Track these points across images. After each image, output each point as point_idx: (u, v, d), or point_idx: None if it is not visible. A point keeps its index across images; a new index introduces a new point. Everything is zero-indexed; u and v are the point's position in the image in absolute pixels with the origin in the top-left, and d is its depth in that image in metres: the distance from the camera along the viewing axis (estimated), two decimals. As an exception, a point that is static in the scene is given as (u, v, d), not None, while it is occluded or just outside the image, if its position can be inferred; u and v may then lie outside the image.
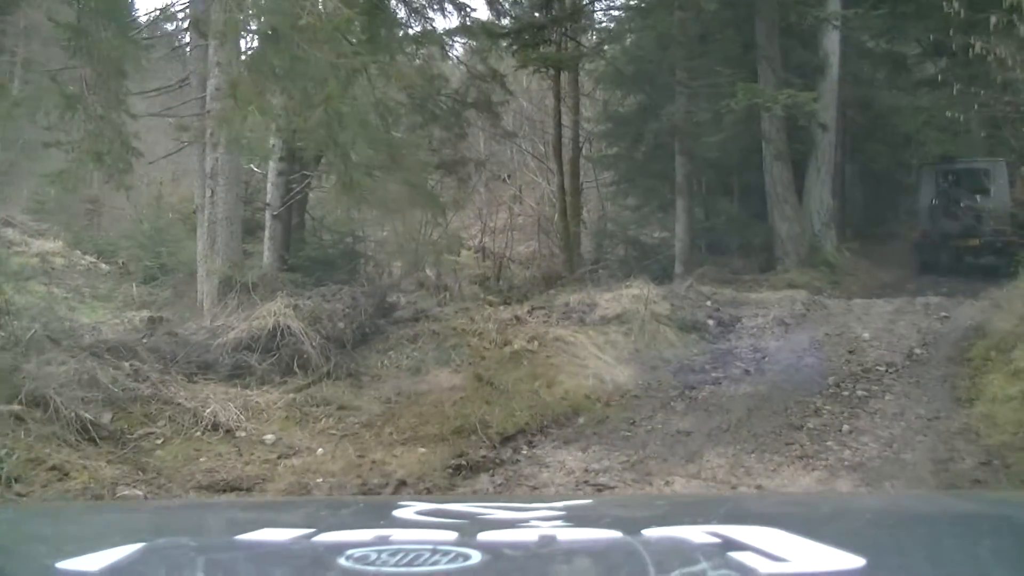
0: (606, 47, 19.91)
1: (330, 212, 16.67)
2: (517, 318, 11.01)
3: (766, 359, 10.03)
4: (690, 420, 7.86)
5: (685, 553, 1.09)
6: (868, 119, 18.95)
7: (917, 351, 9.87)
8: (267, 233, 13.82)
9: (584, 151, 21.32)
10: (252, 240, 14.57)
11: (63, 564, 1.11)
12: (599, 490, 6.20)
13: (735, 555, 1.06)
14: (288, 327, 8.79)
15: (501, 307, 12.56)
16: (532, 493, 6.11)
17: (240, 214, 11.81)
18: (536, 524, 1.35)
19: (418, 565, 1.04)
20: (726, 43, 17.62)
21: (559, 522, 1.39)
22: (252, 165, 15.42)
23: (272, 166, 13.89)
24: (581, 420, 8.12)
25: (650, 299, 11.18)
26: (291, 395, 8.11)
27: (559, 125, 20.18)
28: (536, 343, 9.98)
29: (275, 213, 13.98)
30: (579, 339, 10.07)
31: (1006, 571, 1.16)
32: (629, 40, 20.12)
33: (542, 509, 1.53)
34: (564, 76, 19.58)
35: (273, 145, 12.84)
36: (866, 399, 8.16)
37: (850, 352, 10.03)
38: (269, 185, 14.28)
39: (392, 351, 9.93)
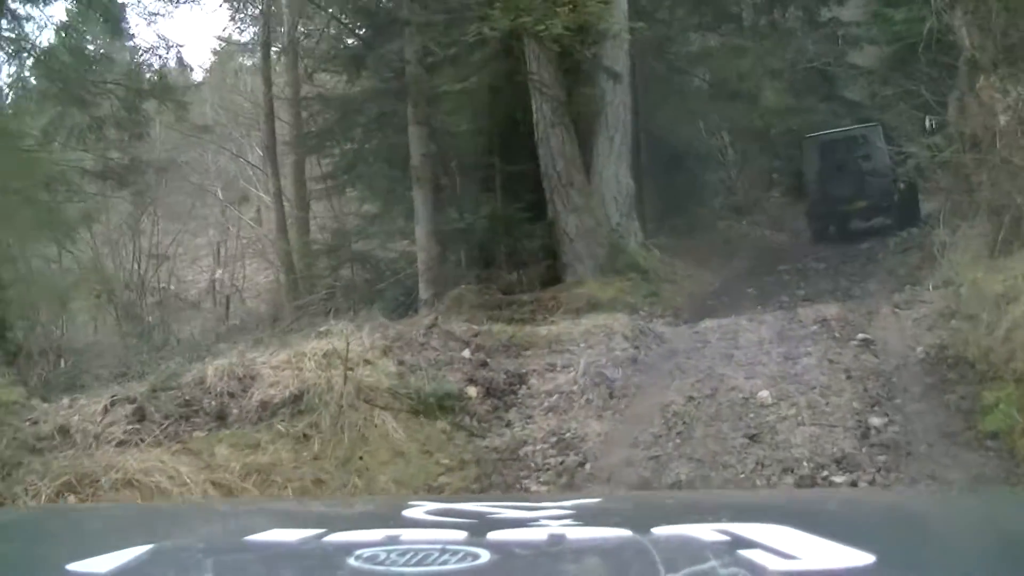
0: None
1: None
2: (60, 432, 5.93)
3: (584, 472, 5.73)
4: None
5: (694, 551, 1.10)
6: (667, 68, 13.57)
7: (875, 423, 5.77)
8: None
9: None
10: None
11: (73, 566, 1.12)
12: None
13: (744, 553, 1.05)
14: None
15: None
16: None
17: None
18: (545, 523, 1.34)
19: (427, 565, 1.05)
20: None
21: (568, 521, 1.38)
22: None
23: None
24: None
25: (353, 358, 6.85)
26: None
27: (271, 118, 18.41)
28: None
29: None
30: (173, 478, 5.37)
31: (1016, 569, 1.15)
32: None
33: (551, 508, 1.51)
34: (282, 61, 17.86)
35: None
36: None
37: (750, 439, 5.70)
38: None
39: None
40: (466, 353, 7.70)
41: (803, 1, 22.88)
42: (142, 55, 16.84)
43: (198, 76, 24.54)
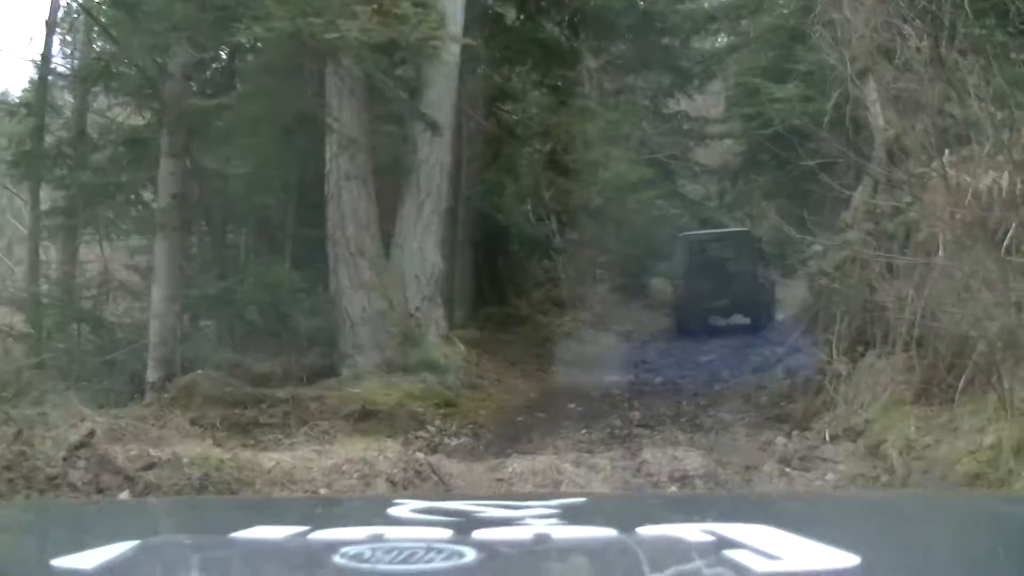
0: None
1: None
2: None
3: None
4: None
5: (680, 551, 1.11)
6: (499, 129, 14.14)
7: None
8: None
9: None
10: None
11: (58, 562, 1.14)
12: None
13: (729, 553, 1.07)
14: None
15: None
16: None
17: None
18: (531, 522, 1.36)
19: (413, 563, 1.06)
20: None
21: (554, 520, 1.41)
22: None
23: None
24: None
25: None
26: None
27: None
28: None
29: None
30: None
31: (1001, 570, 1.19)
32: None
33: (537, 507, 1.57)
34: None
35: None
36: None
37: None
38: None
39: None
40: (125, 495, 5.44)
41: (650, 90, 21.86)
42: None
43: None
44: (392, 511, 1.46)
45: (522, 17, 14.96)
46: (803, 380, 9.04)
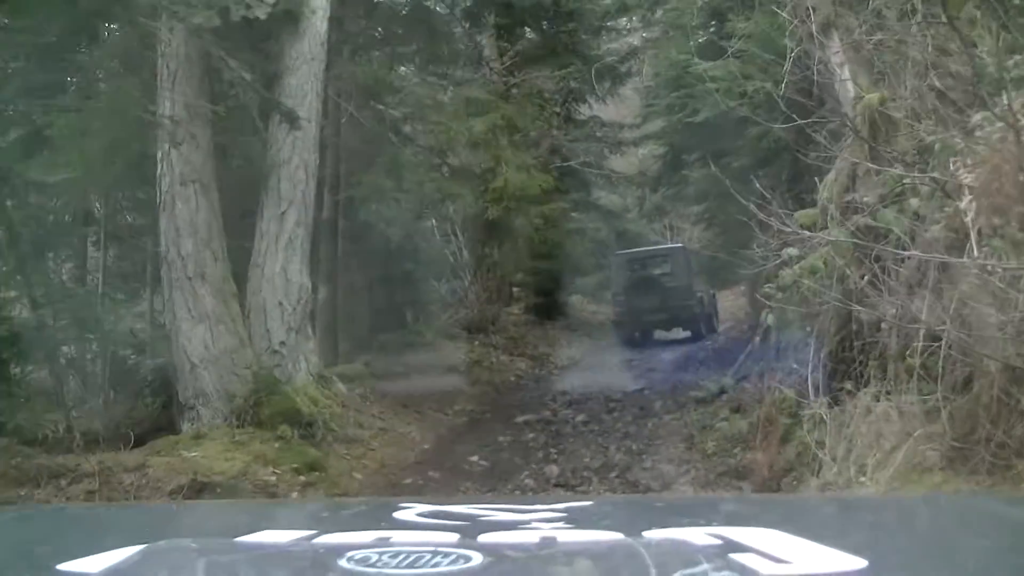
0: None
1: None
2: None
3: None
4: None
5: (686, 555, 1.11)
6: (378, 122, 11.84)
7: None
8: None
9: None
10: None
11: (64, 566, 1.16)
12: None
13: (736, 557, 1.08)
14: None
15: None
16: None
17: None
18: (537, 526, 1.42)
19: (419, 567, 1.06)
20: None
21: (560, 523, 1.46)
22: None
23: None
24: None
25: None
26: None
27: None
28: None
29: None
30: None
31: (1007, 572, 1.21)
32: None
33: (543, 511, 1.59)
34: None
35: None
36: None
37: None
38: None
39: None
40: None
41: (560, 94, 20.35)
42: None
43: None
44: (398, 515, 1.54)
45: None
46: (761, 420, 7.22)
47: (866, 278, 5.66)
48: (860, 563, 1.04)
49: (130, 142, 9.55)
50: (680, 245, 20.26)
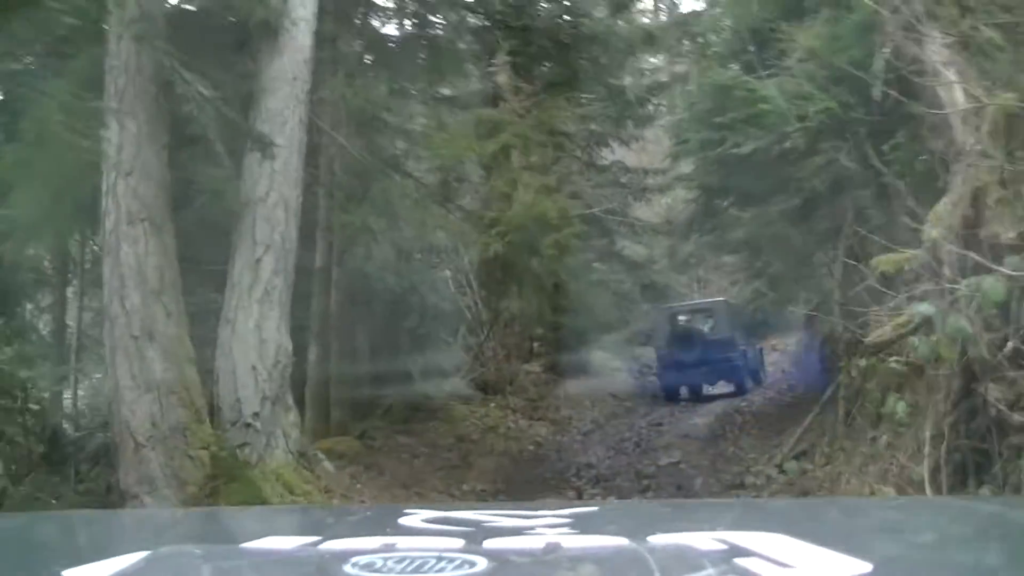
0: None
1: None
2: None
3: None
4: None
5: (691, 559, 1.14)
6: (371, 152, 10.63)
7: None
8: None
9: None
10: None
11: (69, 572, 1.17)
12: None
13: (741, 561, 1.11)
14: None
15: None
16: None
17: None
18: (542, 531, 1.43)
19: (424, 572, 1.09)
20: None
21: (565, 529, 1.47)
22: None
23: None
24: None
25: None
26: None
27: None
28: None
29: None
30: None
31: (1012, 575, 1.23)
32: None
33: (548, 516, 1.61)
34: None
35: None
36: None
37: None
38: None
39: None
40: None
41: (582, 138, 19.71)
42: None
43: None
44: (403, 521, 1.56)
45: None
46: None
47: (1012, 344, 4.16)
48: (865, 567, 1.05)
49: (80, 177, 8.34)
50: (722, 299, 20.64)
